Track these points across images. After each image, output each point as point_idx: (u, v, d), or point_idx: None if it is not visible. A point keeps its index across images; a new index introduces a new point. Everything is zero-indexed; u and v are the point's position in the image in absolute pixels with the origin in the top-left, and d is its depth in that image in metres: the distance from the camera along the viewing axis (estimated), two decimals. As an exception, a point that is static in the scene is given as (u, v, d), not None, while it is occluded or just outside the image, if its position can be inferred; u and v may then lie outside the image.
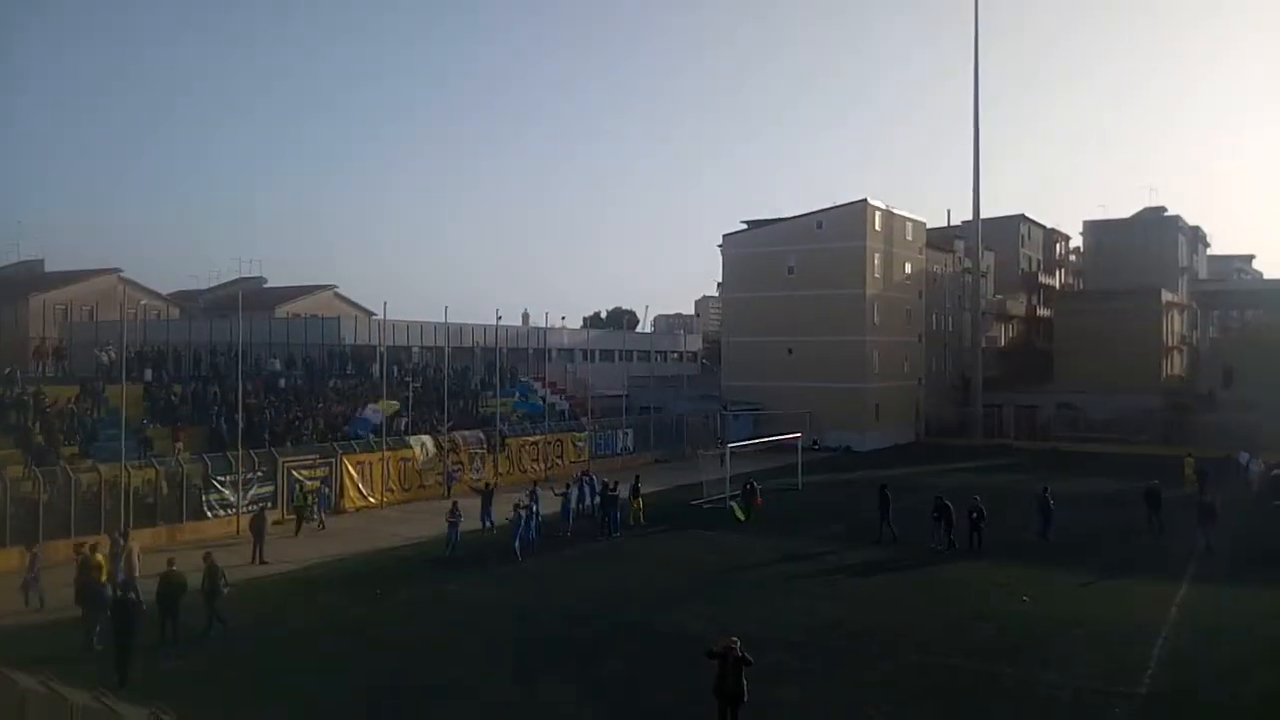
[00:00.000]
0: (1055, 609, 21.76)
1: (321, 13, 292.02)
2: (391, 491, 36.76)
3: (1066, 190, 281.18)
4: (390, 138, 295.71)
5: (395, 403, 37.53)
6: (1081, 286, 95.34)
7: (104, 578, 19.87)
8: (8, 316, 59.87)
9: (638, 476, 34.84)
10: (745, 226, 67.98)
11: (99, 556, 21.00)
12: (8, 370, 34.34)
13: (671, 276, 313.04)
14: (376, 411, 36.70)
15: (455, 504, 29.46)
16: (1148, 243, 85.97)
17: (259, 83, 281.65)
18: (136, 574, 21.10)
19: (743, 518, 32.83)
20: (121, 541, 22.66)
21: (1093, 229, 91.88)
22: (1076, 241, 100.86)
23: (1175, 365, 79.93)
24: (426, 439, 39.03)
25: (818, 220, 62.31)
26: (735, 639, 14.15)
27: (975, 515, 28.28)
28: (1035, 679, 16.97)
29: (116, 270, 66.02)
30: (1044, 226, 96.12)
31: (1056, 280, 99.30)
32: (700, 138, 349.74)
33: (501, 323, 50.25)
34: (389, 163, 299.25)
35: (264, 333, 47.06)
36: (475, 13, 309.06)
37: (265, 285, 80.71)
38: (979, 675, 17.19)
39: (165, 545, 27.29)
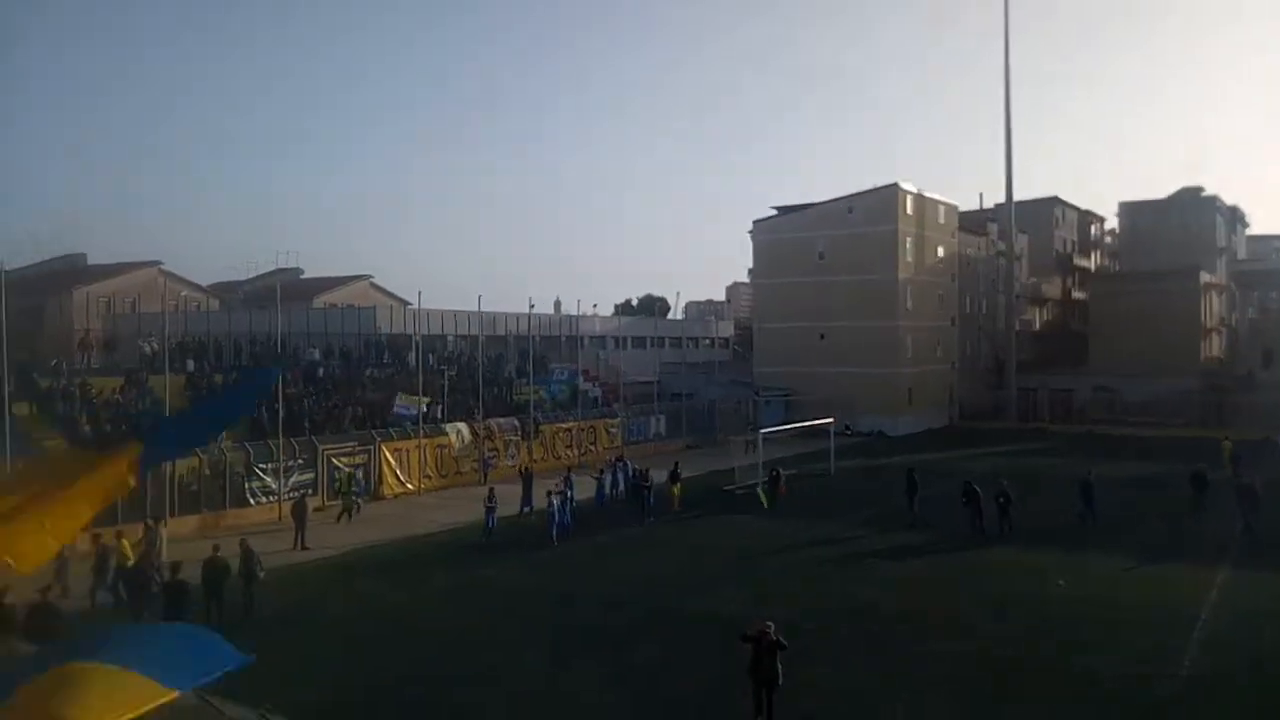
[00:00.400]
0: (1092, 592, 21.72)
1: (354, 3, 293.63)
2: (429, 478, 37.30)
3: (1102, 172, 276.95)
4: (423, 129, 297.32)
5: (423, 397, 37.91)
6: (1118, 268, 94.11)
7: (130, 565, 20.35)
8: (53, 309, 61.09)
9: (677, 463, 34.85)
10: (775, 212, 67.78)
11: (125, 544, 21.52)
12: (54, 362, 35.14)
13: (702, 263, 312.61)
14: (407, 406, 37.25)
15: (492, 490, 29.88)
16: (1185, 223, 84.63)
17: (293, 76, 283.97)
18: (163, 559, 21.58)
19: (766, 505, 32.95)
20: (156, 528, 23.13)
21: (1129, 210, 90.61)
22: (1112, 223, 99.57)
23: (1214, 347, 78.70)
24: (462, 426, 39.53)
25: (849, 205, 62.02)
26: (770, 623, 14.36)
27: (1002, 500, 27.98)
28: (1072, 662, 16.99)
29: (157, 263, 67.16)
30: (1078, 209, 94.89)
31: (1092, 262, 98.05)
32: (729, 123, 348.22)
33: (534, 311, 50.60)
34: (423, 153, 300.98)
35: (302, 323, 47.76)
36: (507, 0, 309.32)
37: (302, 276, 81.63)
38: (1015, 659, 17.23)
39: (209, 532, 27.94)
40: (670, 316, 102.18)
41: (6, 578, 15.59)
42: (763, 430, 39.35)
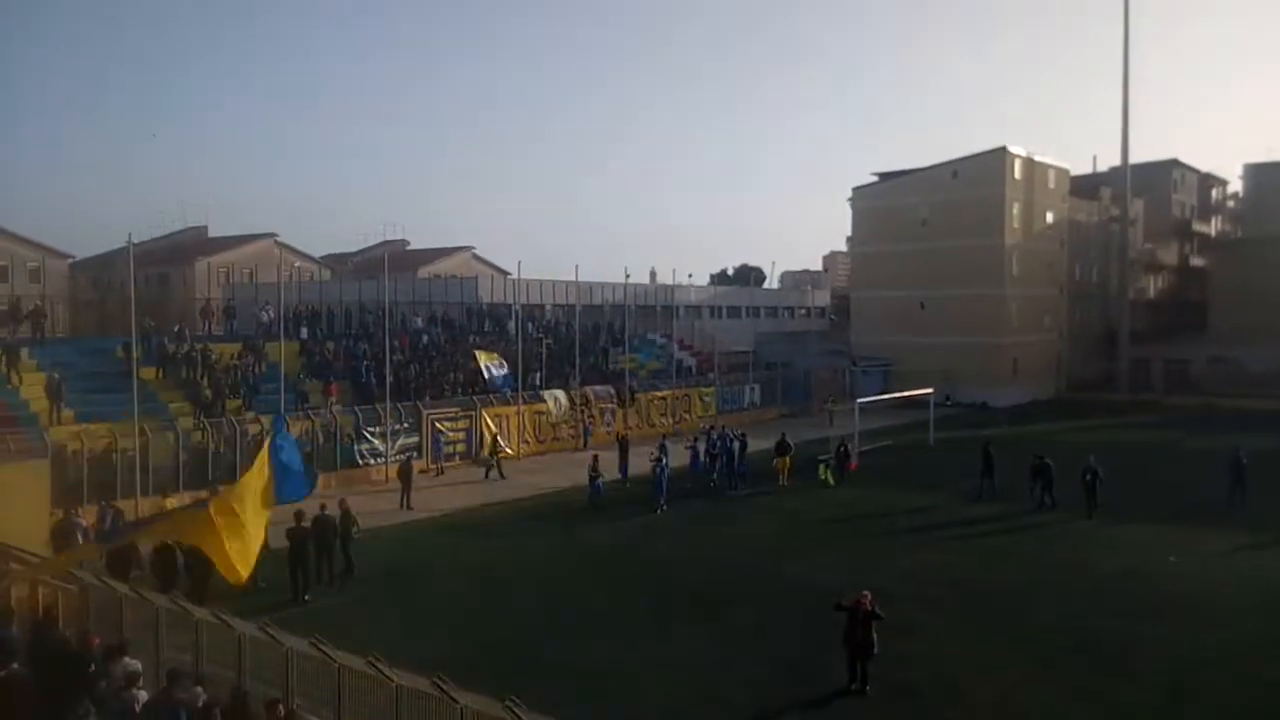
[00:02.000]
0: (1204, 570, 21.05)
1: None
2: (527, 443, 38.17)
3: (1225, 133, 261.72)
4: (525, 102, 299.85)
5: (494, 354, 38.29)
6: (1240, 234, 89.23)
7: None
8: (177, 279, 64.38)
9: (784, 434, 33.81)
10: (876, 179, 66.47)
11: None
12: (178, 329, 37.04)
13: (799, 232, 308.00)
14: (499, 368, 37.51)
15: (595, 457, 30.30)
16: (1317, 185, 79.50)
17: (398, 48, 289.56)
18: None
19: (831, 482, 31.59)
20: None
21: (1254, 172, 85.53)
22: (1235, 186, 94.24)
23: (1348, 316, 74.00)
24: (560, 393, 40.27)
25: (953, 169, 60.38)
26: (866, 592, 14.42)
27: (1090, 477, 26.38)
28: (1183, 640, 16.56)
29: (273, 235, 69.98)
30: (1199, 171, 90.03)
31: (1212, 228, 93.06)
32: (828, 87, 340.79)
33: (630, 281, 50.95)
34: (525, 126, 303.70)
35: (408, 292, 49.19)
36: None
37: (408, 248, 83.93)
38: (1122, 635, 16.85)
39: (321, 492, 29.18)
40: (766, 286, 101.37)
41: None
42: (860, 400, 38.95)
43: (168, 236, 73.36)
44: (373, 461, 32.54)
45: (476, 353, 38.19)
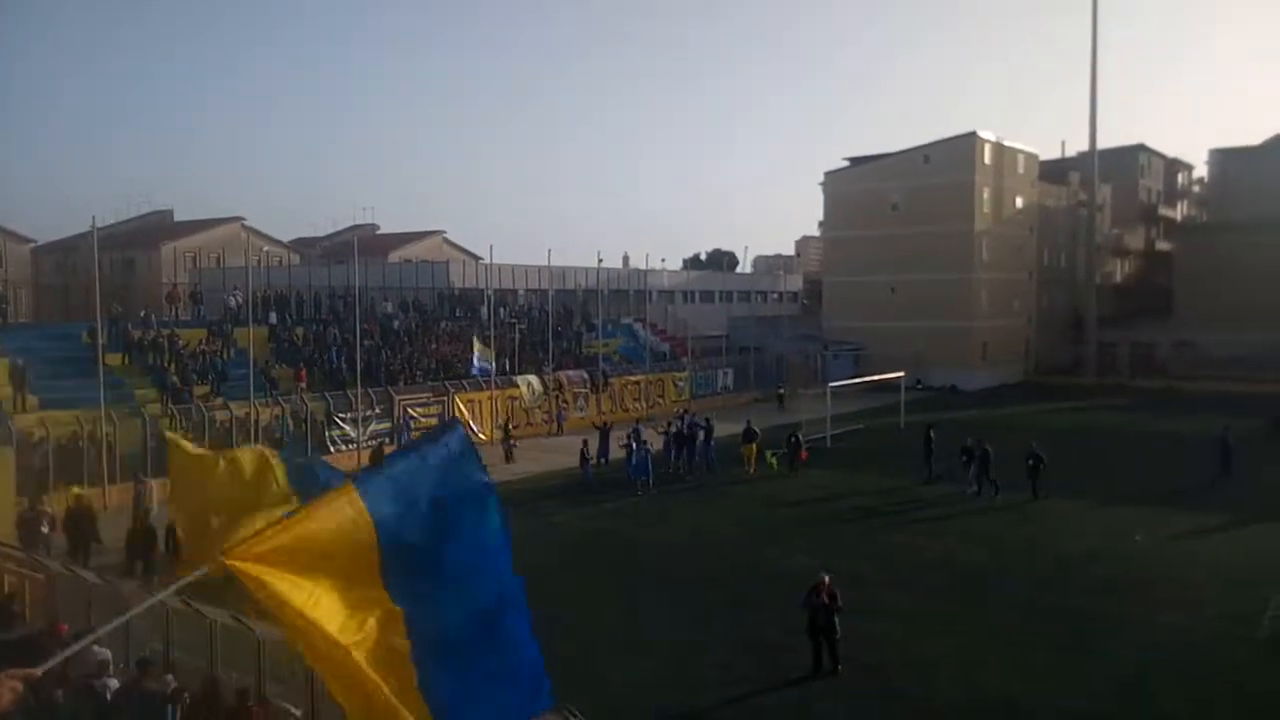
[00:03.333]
0: (1171, 550, 21.42)
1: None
2: (500, 429, 38.02)
3: (1191, 119, 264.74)
4: (495, 87, 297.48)
5: (491, 350, 38.57)
6: (1206, 219, 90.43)
7: None
8: (142, 264, 63.47)
9: (749, 421, 33.20)
10: (848, 163, 66.67)
11: None
12: (144, 314, 36.55)
13: (771, 217, 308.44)
14: (484, 360, 37.71)
15: (586, 441, 30.48)
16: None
17: (365, 33, 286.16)
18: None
19: (780, 469, 30.93)
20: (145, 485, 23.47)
21: (1219, 158, 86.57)
22: (1201, 171, 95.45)
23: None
24: (533, 378, 40.19)
25: (924, 154, 60.73)
26: (825, 575, 14.41)
27: (1032, 461, 26.38)
28: (1151, 619, 16.83)
29: (240, 219, 69.08)
30: (1165, 156, 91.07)
31: (1178, 213, 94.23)
32: (799, 73, 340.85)
33: (603, 265, 50.86)
34: (494, 110, 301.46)
35: (378, 277, 48.83)
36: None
37: (378, 232, 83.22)
38: (1091, 614, 17.10)
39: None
40: (739, 270, 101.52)
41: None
42: (831, 384, 39.16)
43: (133, 220, 72.27)
44: (344, 448, 32.34)
45: (475, 340, 38.17)
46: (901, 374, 42.71)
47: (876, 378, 42.54)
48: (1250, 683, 14.27)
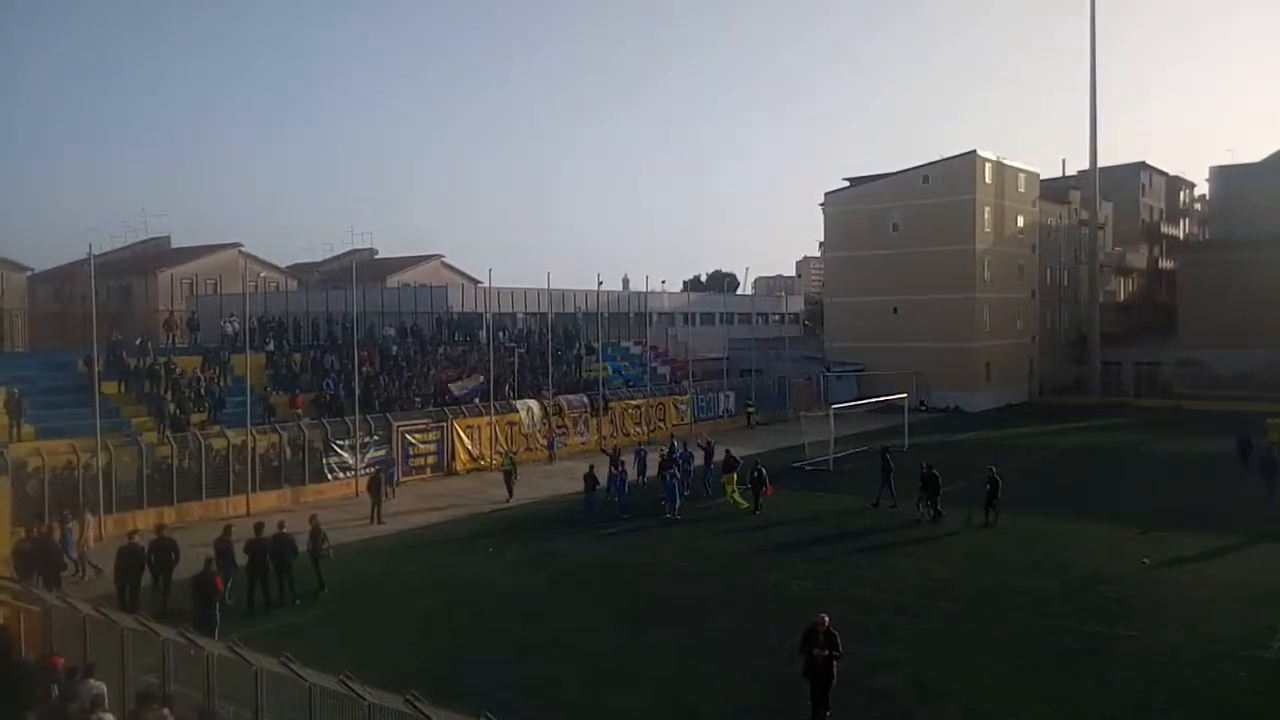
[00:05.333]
0: (1178, 572, 21.06)
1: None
2: (500, 454, 37.65)
3: (1191, 136, 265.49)
4: (495, 110, 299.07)
5: (470, 378, 38.59)
6: (1208, 236, 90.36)
7: None
8: (139, 291, 63.25)
9: (728, 450, 31.03)
10: (848, 184, 66.63)
11: None
12: (140, 341, 36.24)
13: (772, 238, 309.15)
14: (464, 386, 37.80)
15: (592, 467, 29.04)
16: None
17: (361, 56, 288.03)
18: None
19: (747, 505, 28.54)
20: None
21: (1220, 175, 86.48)
22: (1202, 189, 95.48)
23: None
24: (532, 403, 39.85)
25: (924, 174, 60.64)
26: (824, 615, 13.55)
27: (990, 487, 25.92)
28: (1158, 642, 16.50)
29: (237, 245, 68.98)
30: (1166, 174, 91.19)
31: (1180, 230, 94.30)
32: (799, 94, 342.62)
33: (602, 288, 50.61)
34: (493, 133, 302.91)
35: (376, 302, 48.50)
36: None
37: (376, 256, 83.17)
38: (1098, 637, 16.79)
39: (289, 507, 28.68)
40: (739, 292, 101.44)
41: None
42: (835, 406, 38.83)
43: (130, 247, 72.09)
44: (342, 475, 31.96)
45: (451, 385, 38.31)
46: (904, 395, 42.43)
47: (879, 400, 42.22)
48: (1266, 706, 13.92)
